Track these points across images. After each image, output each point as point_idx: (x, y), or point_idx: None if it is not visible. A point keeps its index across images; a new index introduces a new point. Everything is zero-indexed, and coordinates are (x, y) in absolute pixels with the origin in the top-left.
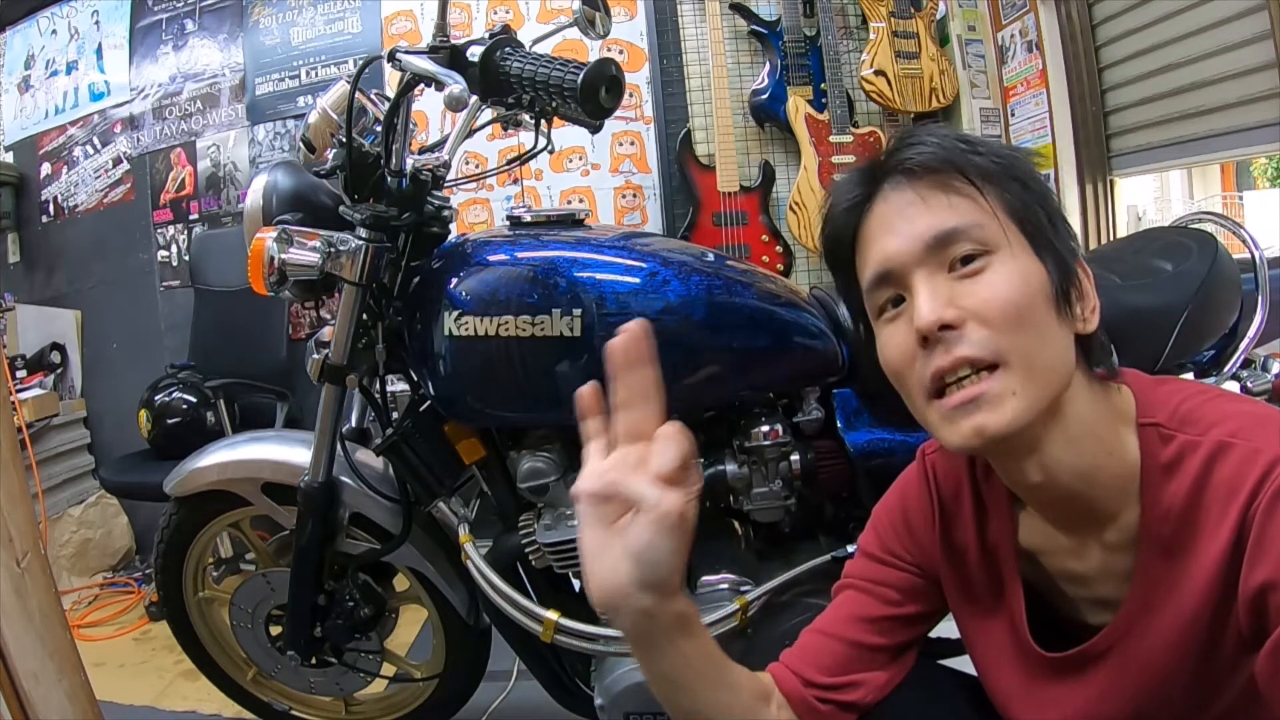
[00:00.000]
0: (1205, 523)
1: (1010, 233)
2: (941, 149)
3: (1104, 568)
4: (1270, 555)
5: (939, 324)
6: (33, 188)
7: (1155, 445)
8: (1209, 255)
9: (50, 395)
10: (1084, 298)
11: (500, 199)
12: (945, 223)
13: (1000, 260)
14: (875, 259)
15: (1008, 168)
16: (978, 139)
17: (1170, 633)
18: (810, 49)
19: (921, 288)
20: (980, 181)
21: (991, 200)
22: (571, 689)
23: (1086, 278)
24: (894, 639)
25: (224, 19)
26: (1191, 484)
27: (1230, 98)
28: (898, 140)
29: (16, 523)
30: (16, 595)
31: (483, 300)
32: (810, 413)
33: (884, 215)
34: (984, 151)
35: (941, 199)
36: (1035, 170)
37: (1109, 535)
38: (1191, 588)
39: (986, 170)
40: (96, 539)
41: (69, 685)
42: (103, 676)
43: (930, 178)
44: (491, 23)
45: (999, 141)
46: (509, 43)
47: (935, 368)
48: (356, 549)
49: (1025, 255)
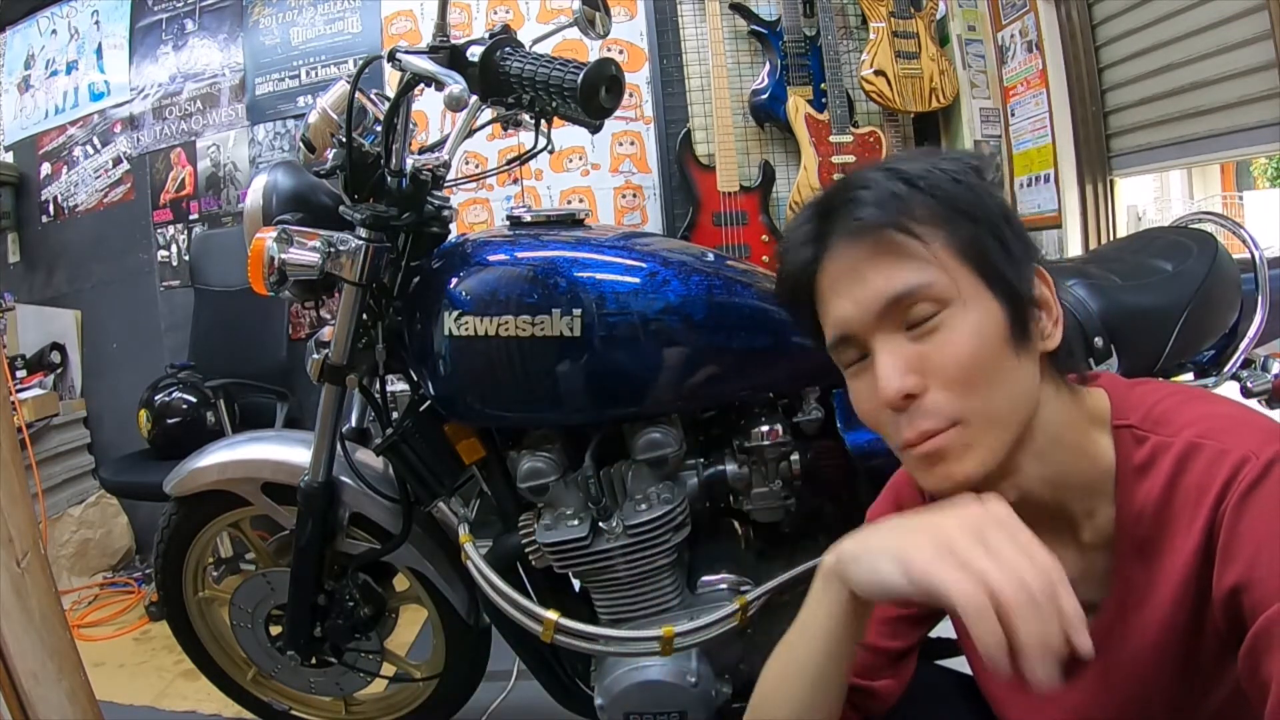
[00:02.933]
0: (1177, 523)
1: (961, 279)
2: (878, 205)
3: (1083, 570)
4: (1240, 556)
5: (901, 395)
6: (33, 188)
7: (1129, 446)
8: (1209, 255)
9: (50, 395)
10: (1046, 308)
11: (500, 199)
12: (894, 286)
13: (954, 314)
14: (832, 322)
15: (952, 202)
16: (920, 170)
17: (1150, 633)
18: (810, 49)
19: (881, 355)
20: (924, 229)
21: (937, 249)
22: (571, 689)
23: (1047, 287)
24: (899, 641)
25: (224, 19)
26: (1164, 485)
27: (1230, 98)
28: (837, 192)
29: (16, 523)
30: (16, 595)
31: (483, 300)
32: (810, 413)
33: (834, 276)
34: (926, 188)
35: (887, 260)
36: (982, 188)
37: (1086, 536)
38: (1167, 588)
39: (931, 212)
40: (96, 539)
41: (69, 685)
42: (103, 676)
43: (871, 237)
44: (491, 23)
45: (950, 154)
46: (509, 43)
47: (904, 440)
48: (356, 549)
49: (977, 299)
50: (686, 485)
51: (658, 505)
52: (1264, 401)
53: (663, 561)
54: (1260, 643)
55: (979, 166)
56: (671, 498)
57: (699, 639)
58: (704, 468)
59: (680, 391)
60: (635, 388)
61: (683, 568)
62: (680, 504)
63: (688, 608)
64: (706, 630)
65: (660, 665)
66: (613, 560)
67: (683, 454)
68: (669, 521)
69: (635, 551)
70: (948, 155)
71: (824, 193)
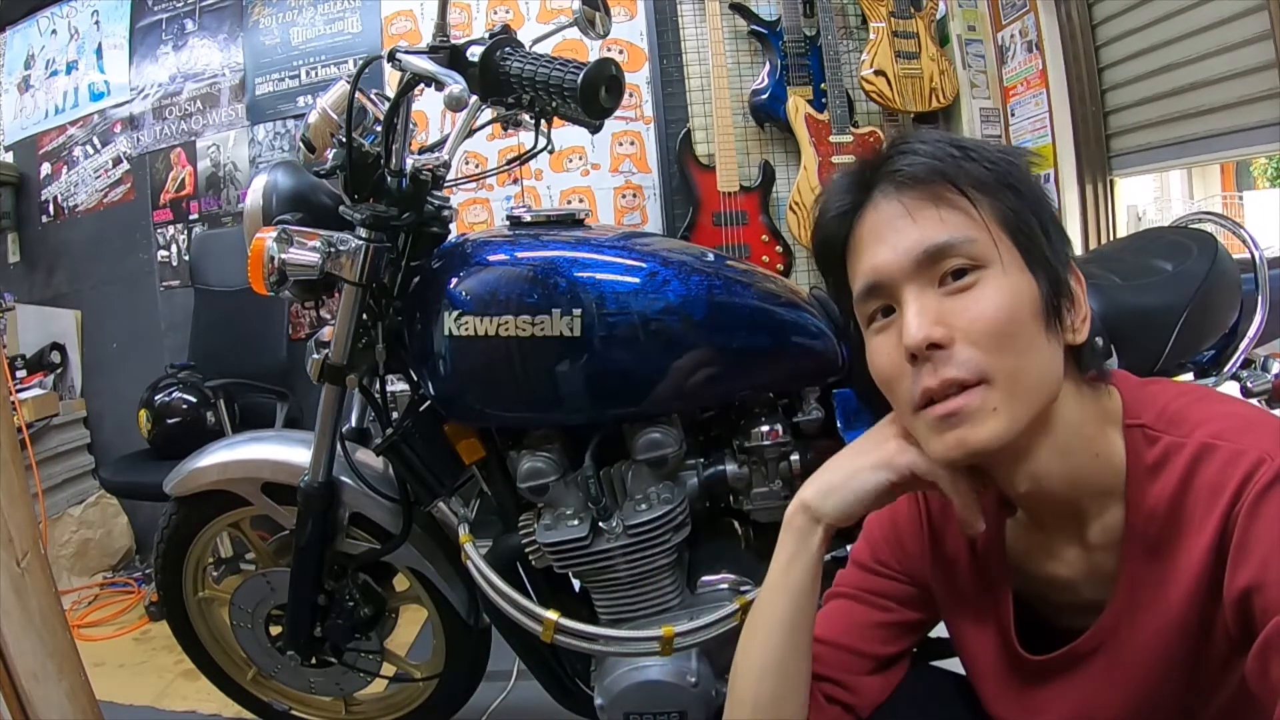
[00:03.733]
0: (1189, 524)
1: (1002, 246)
2: (933, 158)
3: (1089, 570)
4: (1253, 558)
5: (927, 343)
6: (33, 188)
7: (1141, 446)
8: (1209, 255)
9: (50, 395)
10: (1076, 307)
11: (500, 199)
12: (935, 237)
13: (991, 276)
14: (865, 270)
15: (1002, 175)
16: (972, 143)
17: (1157, 633)
18: (810, 49)
19: (910, 304)
20: (973, 192)
21: (984, 212)
22: (571, 689)
23: (1079, 285)
24: (891, 646)
25: (224, 19)
26: (1176, 485)
27: (1230, 98)
28: (890, 146)
29: (16, 523)
30: (16, 595)
31: (483, 300)
32: (810, 413)
33: (874, 225)
34: (978, 157)
35: (932, 211)
36: (1031, 174)
37: (1093, 535)
38: (1176, 589)
39: (980, 179)
40: (96, 539)
41: (69, 685)
42: (103, 676)
43: (921, 189)
44: (491, 23)
45: (996, 143)
46: (509, 43)
47: (924, 387)
48: (356, 549)
49: (1017, 270)
50: (686, 485)
51: (658, 505)
52: (1264, 401)
53: (663, 561)
54: (1272, 645)
55: (1018, 158)
56: (671, 498)
57: (699, 639)
58: (704, 468)
59: (680, 391)
60: (635, 387)
61: (683, 568)
62: (680, 504)
63: (688, 608)
64: (706, 630)
65: (660, 665)
66: (613, 560)
67: (683, 454)
68: (669, 521)
69: (635, 551)
70: (989, 143)
71: (874, 151)
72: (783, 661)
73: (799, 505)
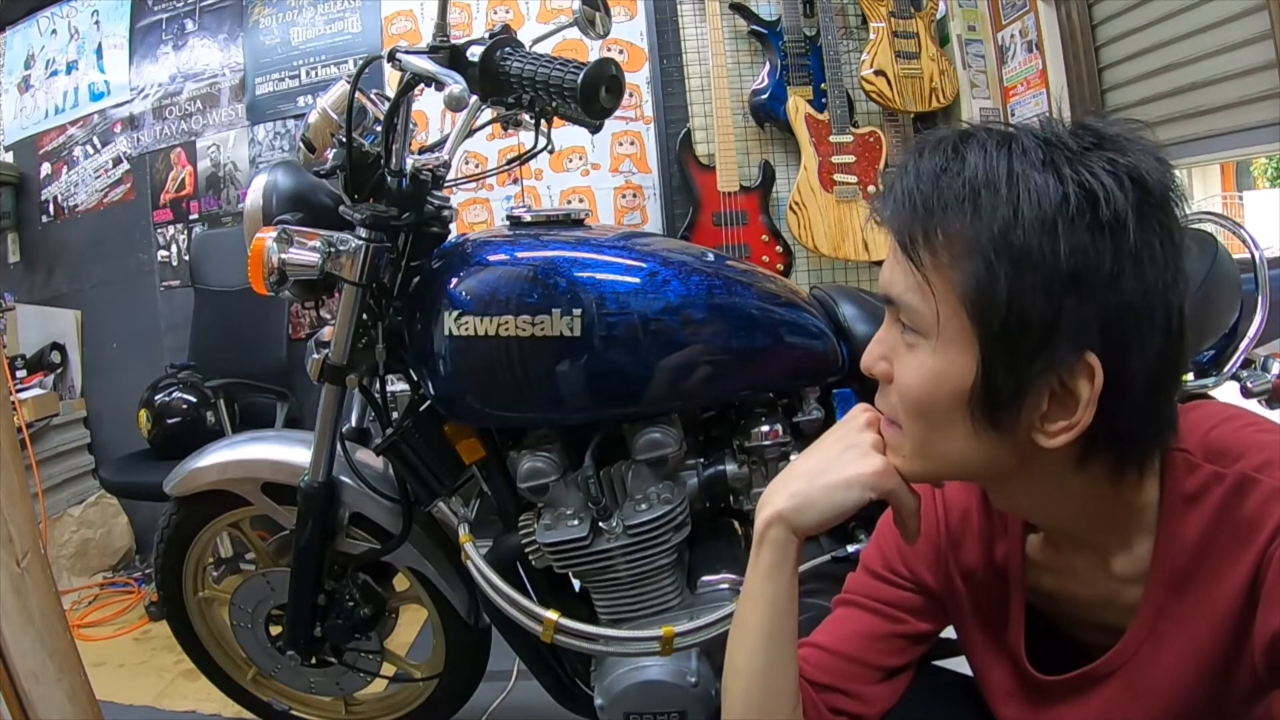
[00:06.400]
0: (1223, 558)
1: (949, 323)
2: (902, 211)
3: (1110, 595)
4: None
5: (867, 373)
6: (33, 188)
7: (1180, 472)
8: (1209, 255)
9: (50, 395)
10: (1064, 407)
11: (500, 199)
12: (891, 286)
13: (921, 350)
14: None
15: (986, 240)
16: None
17: (1179, 664)
18: (810, 49)
19: (880, 329)
20: (935, 256)
21: (940, 283)
22: (571, 689)
23: (1088, 384)
24: (900, 657)
25: (224, 19)
26: (1212, 517)
27: (1230, 98)
28: (905, 156)
29: (16, 523)
30: (16, 595)
31: (483, 300)
32: (810, 413)
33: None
34: (975, 207)
35: (898, 257)
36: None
37: (1118, 566)
38: (1204, 623)
39: (953, 240)
40: (96, 539)
41: (69, 685)
42: (103, 676)
43: (896, 228)
44: (491, 23)
45: (1081, 163)
46: (509, 42)
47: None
48: (356, 549)
49: (955, 351)
50: (686, 485)
51: (658, 505)
52: (1264, 402)
53: (663, 561)
54: None
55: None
56: (671, 498)
57: (699, 639)
58: (704, 468)
59: (680, 391)
60: (635, 387)
61: (683, 568)
62: (680, 504)
63: (688, 608)
64: (706, 630)
65: (660, 665)
66: (613, 560)
67: (683, 454)
68: (669, 521)
69: (635, 551)
70: (1093, 164)
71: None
72: (766, 669)
73: (774, 516)
